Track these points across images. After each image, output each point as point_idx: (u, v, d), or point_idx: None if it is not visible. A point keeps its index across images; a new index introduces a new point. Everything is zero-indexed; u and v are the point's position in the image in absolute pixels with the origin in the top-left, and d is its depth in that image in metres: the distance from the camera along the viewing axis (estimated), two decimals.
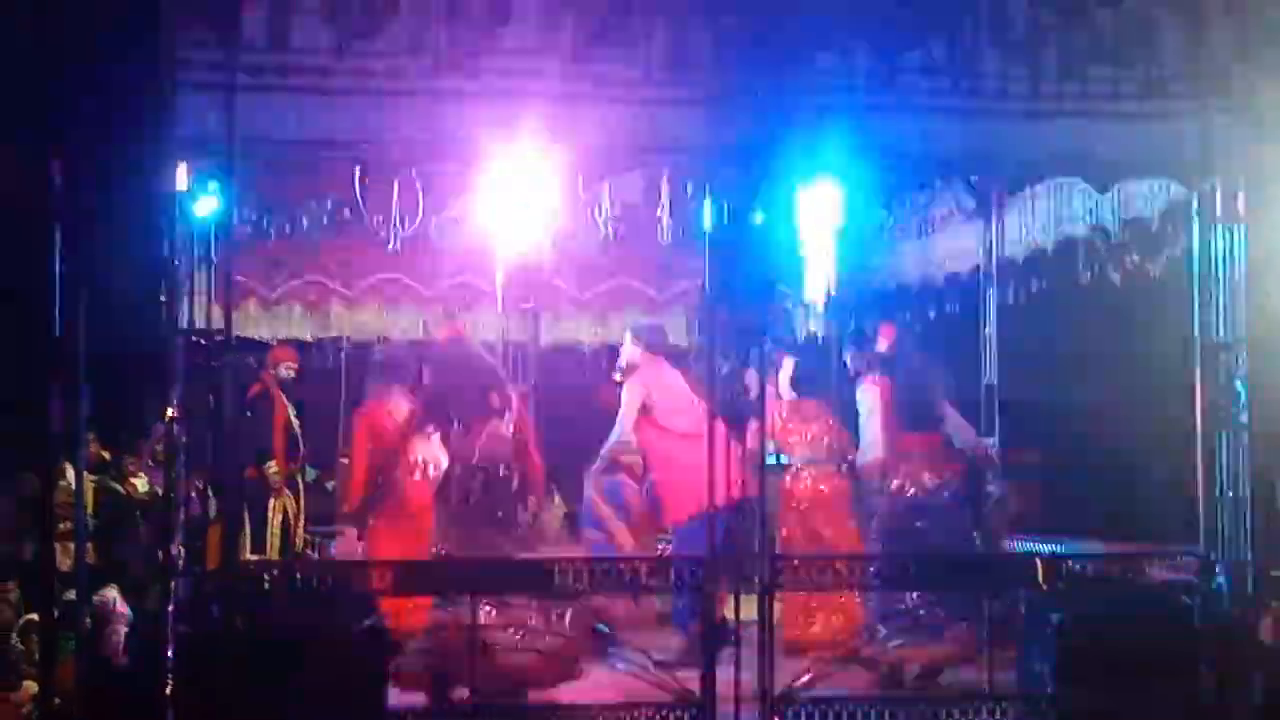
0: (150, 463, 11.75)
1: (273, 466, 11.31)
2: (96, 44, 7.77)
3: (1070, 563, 7.88)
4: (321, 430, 12.11)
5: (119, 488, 11.76)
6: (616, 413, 9.76)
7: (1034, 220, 9.34)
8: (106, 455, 11.86)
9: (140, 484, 11.63)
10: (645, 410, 9.57)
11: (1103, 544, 8.71)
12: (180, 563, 7.28)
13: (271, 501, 11.29)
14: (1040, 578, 7.74)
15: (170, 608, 7.15)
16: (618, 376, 9.96)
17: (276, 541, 11.27)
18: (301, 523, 11.70)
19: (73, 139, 7.81)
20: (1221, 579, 7.76)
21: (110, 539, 11.16)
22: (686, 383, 9.81)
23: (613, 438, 9.59)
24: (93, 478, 11.17)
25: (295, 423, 11.69)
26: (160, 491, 8.67)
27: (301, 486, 11.81)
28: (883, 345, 9.28)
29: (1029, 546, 9.08)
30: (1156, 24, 7.69)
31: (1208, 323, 7.87)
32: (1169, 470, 8.83)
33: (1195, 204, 7.94)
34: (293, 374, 11.72)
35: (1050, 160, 7.79)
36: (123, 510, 11.57)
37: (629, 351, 9.89)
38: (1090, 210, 8.83)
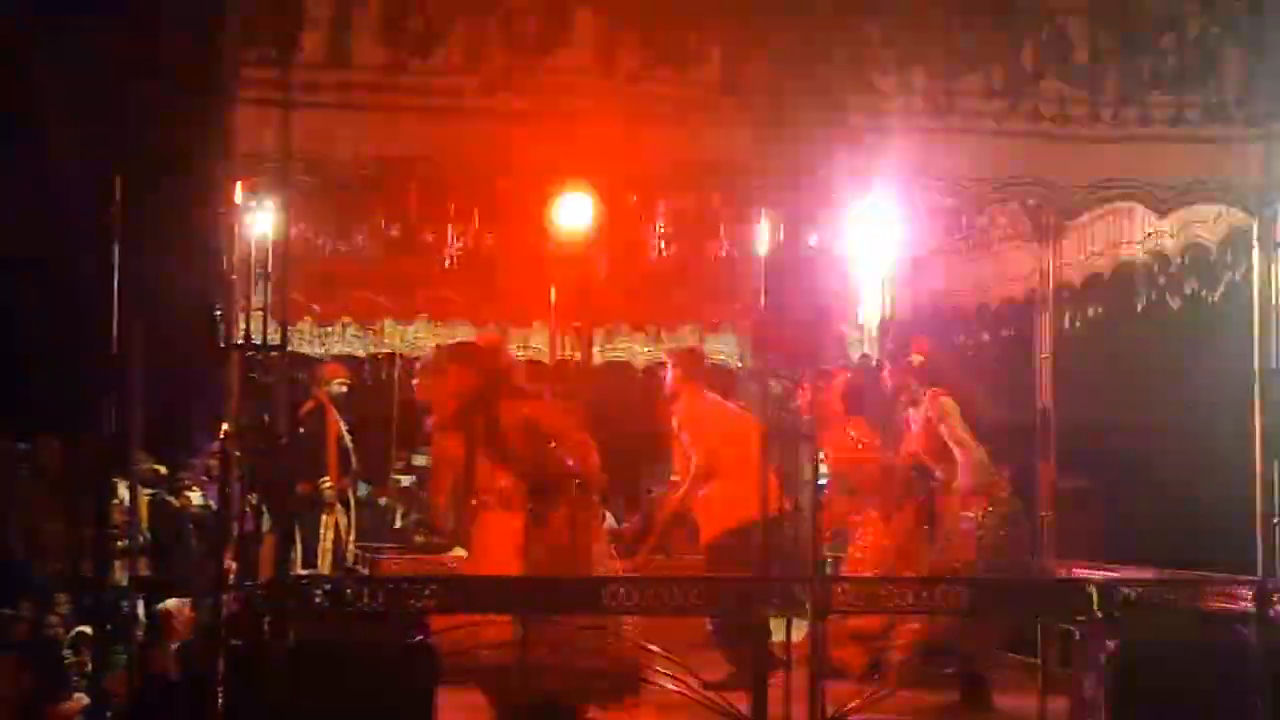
0: (205, 477, 11.82)
1: (326, 482, 11.37)
2: (157, 62, 7.85)
3: (1125, 590, 7.80)
4: (374, 446, 12.16)
5: (173, 501, 11.84)
6: (666, 431, 9.78)
7: (1092, 245, 9.28)
8: (160, 469, 11.94)
9: (195, 498, 11.70)
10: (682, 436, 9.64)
11: (1158, 571, 8.63)
12: (232, 577, 7.31)
13: (324, 517, 11.34)
14: (1095, 604, 7.66)
15: (222, 621, 7.18)
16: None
17: (328, 557, 11.33)
18: (353, 538, 11.75)
19: (133, 155, 7.88)
20: (1279, 608, 7.67)
21: (164, 553, 11.25)
22: (729, 405, 9.83)
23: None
24: (147, 492, 11.26)
25: (347, 438, 11.75)
26: (214, 505, 8.71)
27: (353, 502, 11.87)
28: (916, 360, 9.22)
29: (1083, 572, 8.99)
30: (1218, 49, 7.63)
31: (1267, 349, 7.80)
32: (1226, 497, 8.74)
33: (1256, 230, 7.87)
34: (344, 390, 11.80)
35: (1109, 185, 7.72)
36: (177, 524, 11.64)
37: (669, 378, 9.94)
38: (1149, 235, 8.77)
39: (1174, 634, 7.66)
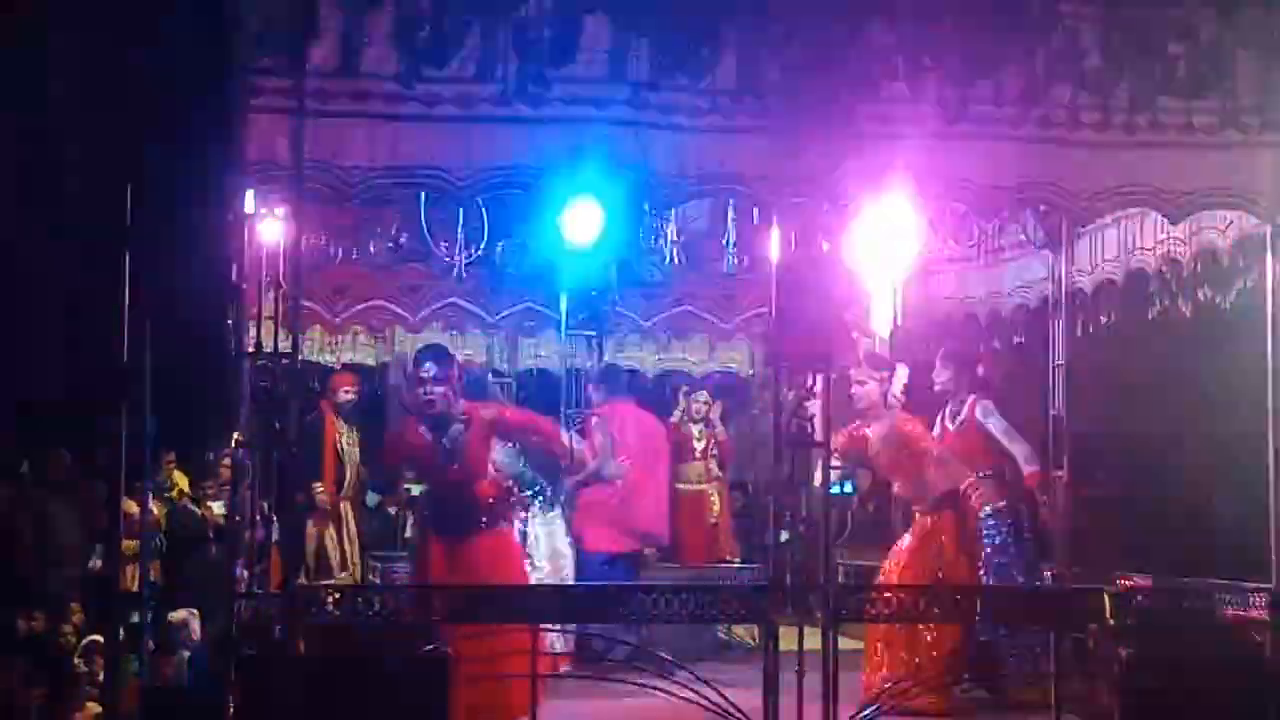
0: (218, 486, 11.82)
1: (319, 488, 11.34)
2: (168, 71, 7.85)
3: (1139, 598, 7.78)
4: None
5: (196, 510, 11.84)
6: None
7: (1104, 251, 9.27)
8: (181, 478, 11.94)
9: (217, 507, 11.67)
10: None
11: (1172, 579, 8.60)
12: (243, 585, 7.30)
13: (309, 526, 11.29)
14: (1108, 613, 7.64)
15: (233, 631, 7.17)
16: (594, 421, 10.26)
17: (312, 563, 11.27)
18: (352, 547, 11.67)
19: (144, 163, 7.88)
20: None
21: (182, 562, 11.25)
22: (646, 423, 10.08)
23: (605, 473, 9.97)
24: (167, 495, 11.29)
25: (348, 448, 11.68)
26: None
27: (350, 513, 11.75)
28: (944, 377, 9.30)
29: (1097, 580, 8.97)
30: (1231, 55, 7.61)
31: None
32: (1240, 504, 8.73)
33: (1269, 236, 7.86)
34: (351, 399, 11.78)
35: (1121, 191, 7.71)
36: (197, 533, 11.64)
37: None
38: (1161, 242, 8.75)
39: (1188, 643, 7.63)
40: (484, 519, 8.54)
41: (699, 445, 12.36)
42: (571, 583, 9.92)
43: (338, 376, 11.91)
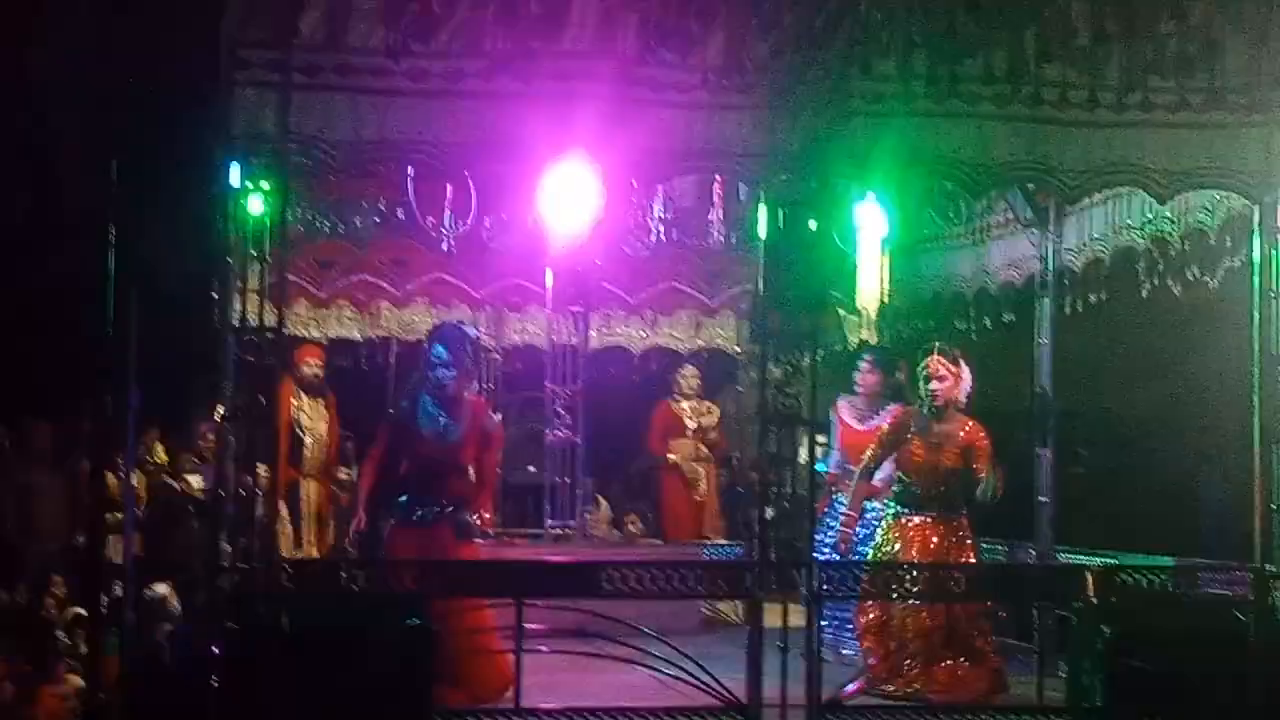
0: (195, 460, 11.70)
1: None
2: (154, 43, 7.82)
3: (1122, 576, 7.80)
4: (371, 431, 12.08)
5: (174, 484, 11.74)
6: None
7: (1092, 230, 9.27)
8: (162, 451, 11.87)
9: (196, 481, 11.52)
10: None
11: (1156, 557, 8.62)
12: (226, 560, 7.28)
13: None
14: (1091, 590, 7.66)
15: (217, 604, 7.16)
16: None
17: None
18: (309, 524, 11.39)
19: (129, 136, 7.85)
20: (1277, 595, 7.65)
21: (164, 536, 11.15)
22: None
23: None
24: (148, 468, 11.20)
25: (308, 423, 11.27)
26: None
27: (309, 488, 11.41)
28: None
29: (1081, 558, 8.99)
30: (1220, 35, 7.61)
31: (1266, 335, 7.79)
32: (1225, 483, 8.75)
33: (1256, 216, 7.86)
34: (316, 373, 11.33)
35: (1110, 170, 7.71)
36: (176, 507, 11.54)
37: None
38: (1149, 221, 8.75)
39: (1171, 620, 7.65)
40: (452, 509, 8.54)
41: (690, 424, 12.34)
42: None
43: (302, 349, 11.38)
